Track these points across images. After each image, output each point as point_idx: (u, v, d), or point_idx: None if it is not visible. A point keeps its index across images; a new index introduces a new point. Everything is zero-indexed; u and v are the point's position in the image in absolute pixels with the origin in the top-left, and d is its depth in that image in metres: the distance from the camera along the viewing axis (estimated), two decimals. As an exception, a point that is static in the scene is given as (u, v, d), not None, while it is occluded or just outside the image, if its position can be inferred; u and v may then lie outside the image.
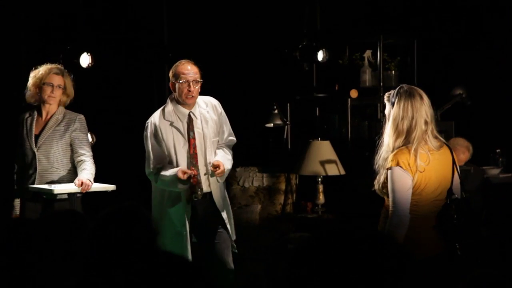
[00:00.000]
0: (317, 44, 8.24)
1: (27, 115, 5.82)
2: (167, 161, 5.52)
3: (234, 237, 5.72)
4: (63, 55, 7.05)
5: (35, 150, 5.66)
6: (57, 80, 5.72)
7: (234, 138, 5.80)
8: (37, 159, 5.66)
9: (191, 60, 5.62)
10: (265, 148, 8.32)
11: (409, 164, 4.16)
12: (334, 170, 7.25)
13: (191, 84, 5.50)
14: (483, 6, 8.59)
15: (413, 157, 4.17)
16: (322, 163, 7.22)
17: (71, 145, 5.70)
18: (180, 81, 5.51)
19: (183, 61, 5.61)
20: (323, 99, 8.48)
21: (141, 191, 5.47)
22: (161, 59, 7.78)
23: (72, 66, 7.06)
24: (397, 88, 4.30)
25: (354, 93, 8.04)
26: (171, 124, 5.55)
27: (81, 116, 5.80)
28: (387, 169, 4.19)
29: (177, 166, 5.48)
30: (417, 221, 4.18)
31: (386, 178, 4.21)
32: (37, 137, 5.69)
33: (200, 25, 8.20)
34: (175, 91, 5.57)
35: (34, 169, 5.66)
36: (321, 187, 7.40)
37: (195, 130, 5.56)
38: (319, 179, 7.39)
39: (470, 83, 8.53)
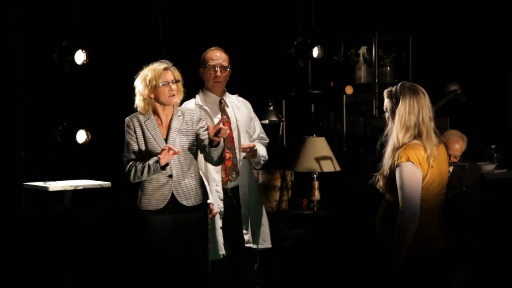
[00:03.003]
0: (312, 41, 8.24)
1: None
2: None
3: (265, 245, 5.69)
4: (57, 52, 7.04)
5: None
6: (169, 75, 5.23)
7: (267, 138, 5.81)
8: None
9: (220, 48, 5.65)
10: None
11: (419, 160, 4.20)
12: (329, 166, 7.25)
13: (218, 69, 5.54)
14: (478, 2, 8.59)
15: (424, 153, 4.22)
16: (318, 159, 7.22)
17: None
18: (207, 66, 5.56)
19: (213, 48, 5.65)
20: (318, 95, 8.48)
21: (136, 189, 5.45)
22: (156, 56, 7.76)
23: (66, 63, 7.07)
24: (399, 85, 4.35)
25: (349, 90, 8.05)
26: (204, 107, 5.57)
27: None
28: (396, 165, 4.21)
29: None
30: (425, 216, 4.22)
31: (393, 174, 4.24)
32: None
33: (195, 21, 8.19)
34: (203, 78, 5.61)
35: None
36: (316, 184, 7.40)
37: (228, 114, 5.60)
38: (315, 176, 7.39)
39: (465, 79, 8.53)
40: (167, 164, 5.04)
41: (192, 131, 5.24)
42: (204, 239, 5.27)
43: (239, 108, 5.66)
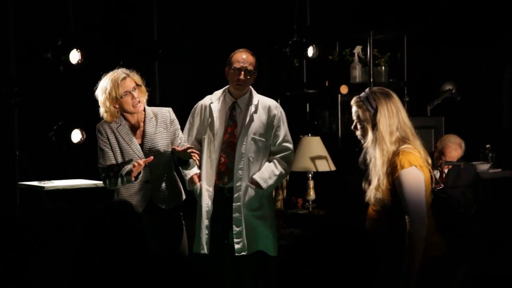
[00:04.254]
0: (307, 40, 8.24)
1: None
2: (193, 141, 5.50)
3: (272, 253, 5.59)
4: (52, 52, 7.03)
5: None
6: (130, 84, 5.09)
7: (290, 146, 5.57)
8: None
9: (249, 50, 5.54)
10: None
11: (420, 163, 4.06)
12: (324, 166, 7.26)
13: (242, 72, 5.44)
14: (473, 1, 8.60)
15: (420, 156, 4.09)
16: (313, 159, 7.23)
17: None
18: (232, 68, 5.46)
19: (241, 49, 5.53)
20: (313, 95, 8.49)
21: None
22: (151, 55, 7.77)
23: (61, 63, 7.06)
24: (369, 92, 4.20)
25: (344, 89, 8.05)
26: (211, 104, 5.50)
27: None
28: (397, 174, 4.03)
29: (201, 148, 5.46)
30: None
31: (392, 184, 4.07)
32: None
33: (190, 21, 8.18)
34: (227, 78, 5.52)
35: None
36: (311, 183, 7.41)
37: (237, 120, 5.50)
38: (310, 175, 7.40)
39: (459, 79, 8.55)
40: (139, 174, 5.00)
41: (167, 133, 5.18)
42: (181, 239, 5.26)
43: (252, 116, 5.49)
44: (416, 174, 4.03)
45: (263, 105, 5.54)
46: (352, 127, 4.31)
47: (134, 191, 5.16)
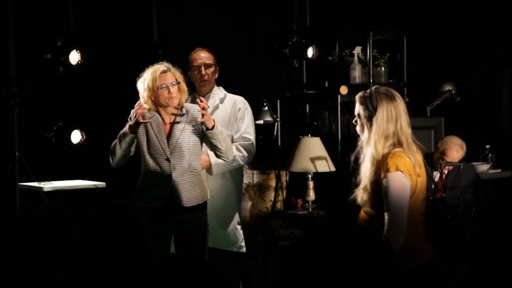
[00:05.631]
0: (306, 41, 8.24)
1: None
2: None
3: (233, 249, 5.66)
4: (52, 52, 7.03)
5: None
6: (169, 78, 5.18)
7: (250, 137, 5.68)
8: None
9: (204, 48, 5.69)
10: (255, 145, 8.32)
11: (407, 169, 3.99)
12: (324, 166, 7.25)
13: (202, 68, 5.57)
14: (474, 2, 8.61)
15: (410, 162, 4.01)
16: (312, 159, 7.22)
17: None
18: (192, 68, 5.60)
19: (197, 49, 5.69)
20: (313, 95, 8.48)
21: (131, 189, 5.45)
22: (150, 56, 7.76)
23: (61, 64, 7.05)
24: (374, 90, 4.13)
25: (344, 90, 8.05)
26: None
27: None
28: (383, 176, 3.98)
29: None
30: (412, 226, 4.03)
31: (377, 186, 4.02)
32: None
33: (190, 21, 8.18)
34: (192, 80, 5.62)
35: None
36: (311, 184, 7.40)
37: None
38: (310, 176, 7.39)
39: (459, 79, 8.55)
40: (137, 126, 5.09)
41: (197, 131, 5.20)
42: (203, 241, 5.25)
43: (222, 105, 5.65)
44: (401, 179, 3.96)
45: (229, 100, 5.70)
46: (354, 121, 4.25)
47: (154, 184, 5.18)
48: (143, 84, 5.17)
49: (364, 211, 4.17)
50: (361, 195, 4.12)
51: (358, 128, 4.22)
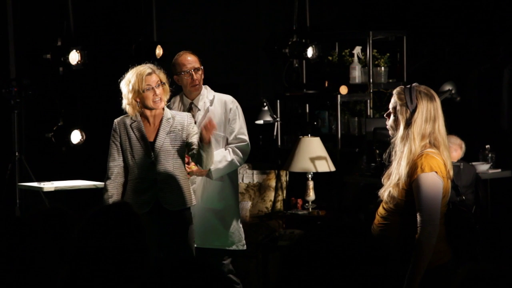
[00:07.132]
0: (306, 41, 8.24)
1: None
2: None
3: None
4: (52, 53, 7.03)
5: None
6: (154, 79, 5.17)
7: (244, 138, 5.65)
8: None
9: (188, 50, 5.65)
10: (255, 145, 8.33)
11: (441, 171, 3.97)
12: (324, 166, 7.25)
13: (192, 72, 5.55)
14: (473, 1, 8.61)
15: (444, 163, 4.01)
16: (312, 159, 7.22)
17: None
18: (182, 72, 5.55)
19: (181, 52, 5.65)
20: (312, 95, 8.49)
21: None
22: (149, 56, 7.77)
23: (61, 64, 7.06)
24: (414, 88, 4.09)
25: (343, 90, 8.05)
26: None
27: None
28: (416, 176, 3.94)
29: None
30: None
31: (409, 185, 3.97)
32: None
33: (189, 22, 8.19)
34: (180, 84, 5.60)
35: None
36: (311, 184, 7.40)
37: (196, 118, 5.55)
38: (309, 176, 7.39)
39: (459, 79, 8.55)
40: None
41: (181, 136, 5.20)
42: (190, 242, 5.26)
43: (212, 107, 5.62)
44: (435, 180, 3.95)
45: (219, 100, 5.66)
46: (385, 114, 4.17)
47: (141, 190, 5.19)
48: (127, 86, 5.13)
49: (383, 207, 4.11)
50: (389, 191, 4.05)
51: (389, 123, 4.14)
